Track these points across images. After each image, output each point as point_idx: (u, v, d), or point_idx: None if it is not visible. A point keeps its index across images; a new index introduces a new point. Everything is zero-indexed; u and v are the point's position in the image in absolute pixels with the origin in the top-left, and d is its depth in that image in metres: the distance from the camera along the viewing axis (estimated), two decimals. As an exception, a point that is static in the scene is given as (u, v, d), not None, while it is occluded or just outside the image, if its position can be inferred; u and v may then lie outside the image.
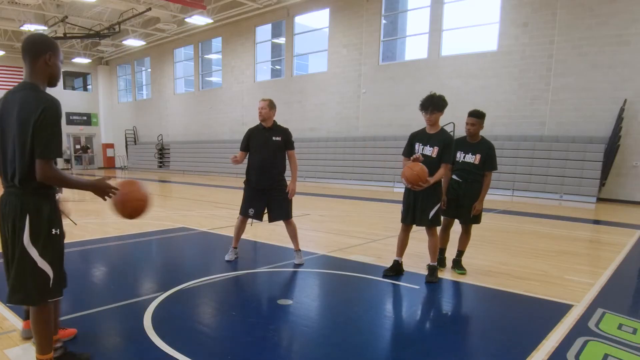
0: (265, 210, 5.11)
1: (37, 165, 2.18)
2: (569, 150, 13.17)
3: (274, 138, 4.97)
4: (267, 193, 5.01)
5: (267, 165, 4.97)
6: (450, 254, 5.12)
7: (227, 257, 5.28)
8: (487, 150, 4.73)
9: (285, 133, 5.07)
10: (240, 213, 5.16)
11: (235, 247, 5.32)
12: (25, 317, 2.82)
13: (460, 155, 4.83)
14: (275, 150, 4.99)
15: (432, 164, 4.39)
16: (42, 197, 2.31)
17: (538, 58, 13.83)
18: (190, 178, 21.61)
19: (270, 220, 5.16)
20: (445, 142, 4.39)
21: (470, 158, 4.77)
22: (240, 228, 5.26)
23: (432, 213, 4.47)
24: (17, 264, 2.29)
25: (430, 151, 4.42)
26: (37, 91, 2.28)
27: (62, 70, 2.46)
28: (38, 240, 2.28)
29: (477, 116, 4.72)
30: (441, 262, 5.08)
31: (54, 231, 2.34)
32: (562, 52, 13.37)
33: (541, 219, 9.24)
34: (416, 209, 4.50)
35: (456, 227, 5.10)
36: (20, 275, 2.30)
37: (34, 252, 2.28)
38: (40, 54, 2.32)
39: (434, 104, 4.34)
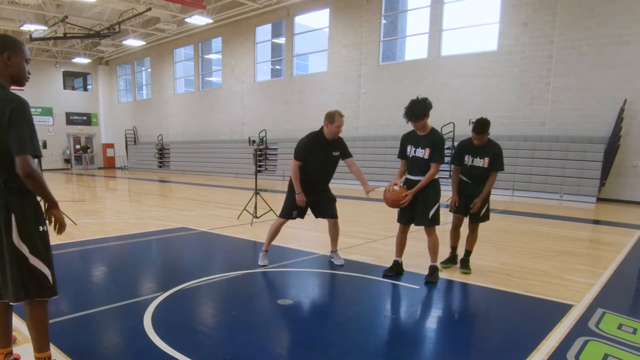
0: (309, 210, 5.09)
1: (17, 162, 2.18)
2: (569, 150, 13.17)
3: (334, 153, 4.92)
4: (315, 196, 4.99)
5: (325, 179, 5.02)
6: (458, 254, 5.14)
7: (261, 262, 5.13)
8: (494, 152, 4.74)
9: (342, 146, 4.98)
10: (282, 216, 5.04)
11: (266, 250, 5.20)
12: None
13: (468, 159, 4.83)
14: (334, 165, 5.01)
15: (426, 166, 4.42)
16: (25, 195, 2.31)
17: (538, 58, 13.83)
18: (190, 178, 21.61)
19: (318, 216, 5.13)
20: (435, 143, 4.39)
21: (478, 162, 4.78)
22: (277, 231, 5.16)
23: (432, 212, 4.48)
24: (10, 263, 2.30)
25: (422, 153, 4.43)
26: (3, 89, 2.27)
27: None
28: (27, 237, 2.30)
29: (481, 132, 4.68)
30: (452, 259, 5.13)
31: (41, 228, 2.36)
32: (562, 52, 13.37)
33: (541, 219, 9.24)
34: (415, 208, 4.51)
35: (463, 227, 5.11)
36: (16, 273, 2.31)
37: (24, 250, 2.29)
38: None
39: (415, 115, 4.33)
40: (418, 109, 4.31)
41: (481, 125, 4.65)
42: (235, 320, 3.57)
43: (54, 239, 2.55)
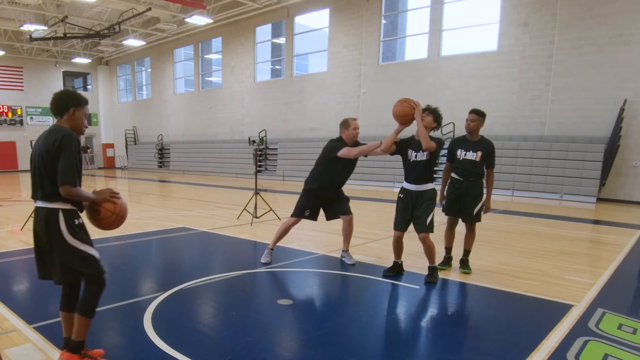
0: (321, 210, 5.25)
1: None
2: (569, 150, 13.17)
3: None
4: (330, 198, 5.18)
5: (341, 181, 5.17)
6: (456, 254, 5.13)
7: (263, 260, 5.24)
8: (487, 148, 4.78)
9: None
10: (295, 215, 5.19)
11: (272, 249, 5.31)
12: (63, 346, 2.74)
13: (460, 153, 4.85)
14: (353, 168, 5.17)
15: (425, 172, 4.44)
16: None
17: (538, 58, 13.82)
18: (190, 178, 21.61)
19: (330, 217, 5.29)
20: (437, 144, 4.40)
21: (471, 155, 4.79)
22: (287, 230, 5.27)
23: (428, 219, 4.46)
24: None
25: (424, 155, 4.42)
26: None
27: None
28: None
29: (477, 113, 4.83)
30: (447, 261, 5.11)
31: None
32: (562, 52, 13.36)
33: (541, 219, 9.23)
34: (414, 217, 4.51)
35: (460, 228, 5.10)
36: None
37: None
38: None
39: (435, 113, 4.44)
40: (440, 115, 4.48)
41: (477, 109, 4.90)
42: (235, 320, 3.57)
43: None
